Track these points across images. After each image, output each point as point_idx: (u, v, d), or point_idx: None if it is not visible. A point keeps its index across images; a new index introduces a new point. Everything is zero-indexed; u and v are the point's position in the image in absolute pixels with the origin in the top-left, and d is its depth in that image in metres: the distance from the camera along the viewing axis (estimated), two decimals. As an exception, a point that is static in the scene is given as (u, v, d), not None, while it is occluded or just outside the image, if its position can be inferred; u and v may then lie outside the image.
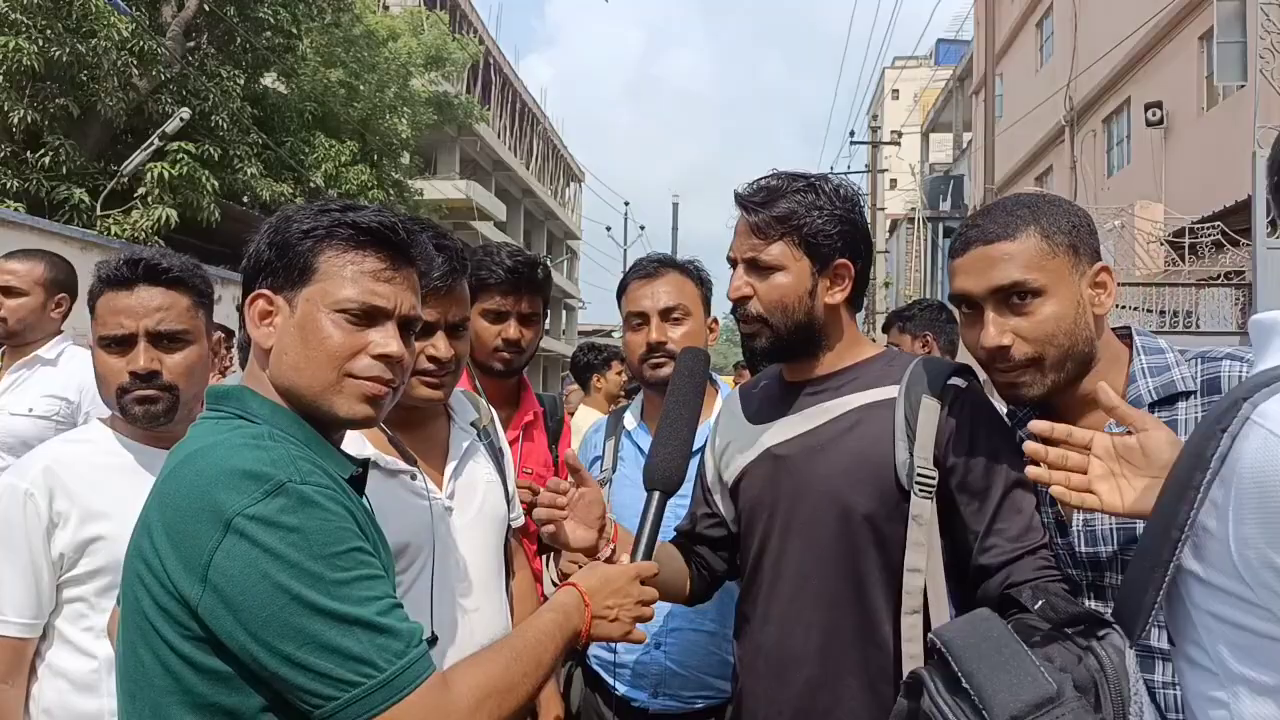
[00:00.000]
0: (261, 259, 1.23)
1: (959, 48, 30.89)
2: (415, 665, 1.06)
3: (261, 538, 1.03)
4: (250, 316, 1.22)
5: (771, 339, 1.63)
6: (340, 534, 1.07)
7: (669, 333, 2.15)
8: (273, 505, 1.04)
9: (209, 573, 1.03)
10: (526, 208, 37.70)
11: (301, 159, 14.62)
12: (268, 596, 1.02)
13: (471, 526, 1.80)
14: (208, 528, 1.04)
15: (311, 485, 1.07)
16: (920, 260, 26.39)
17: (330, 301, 1.19)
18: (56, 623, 1.70)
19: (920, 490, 1.50)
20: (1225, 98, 12.67)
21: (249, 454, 1.08)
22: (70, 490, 1.69)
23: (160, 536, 1.07)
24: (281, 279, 1.21)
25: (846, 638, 1.55)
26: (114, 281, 1.75)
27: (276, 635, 1.02)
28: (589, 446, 2.40)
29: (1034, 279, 1.41)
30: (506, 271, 2.22)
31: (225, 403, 1.21)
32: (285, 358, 1.19)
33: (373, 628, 1.05)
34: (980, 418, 1.55)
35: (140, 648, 1.09)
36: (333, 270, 1.20)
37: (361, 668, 1.03)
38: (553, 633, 1.24)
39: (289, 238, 1.21)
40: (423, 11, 20.81)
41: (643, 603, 1.40)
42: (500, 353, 2.27)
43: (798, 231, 1.60)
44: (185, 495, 1.07)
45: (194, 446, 1.14)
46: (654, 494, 1.53)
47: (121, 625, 1.14)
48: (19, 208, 10.43)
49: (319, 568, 1.04)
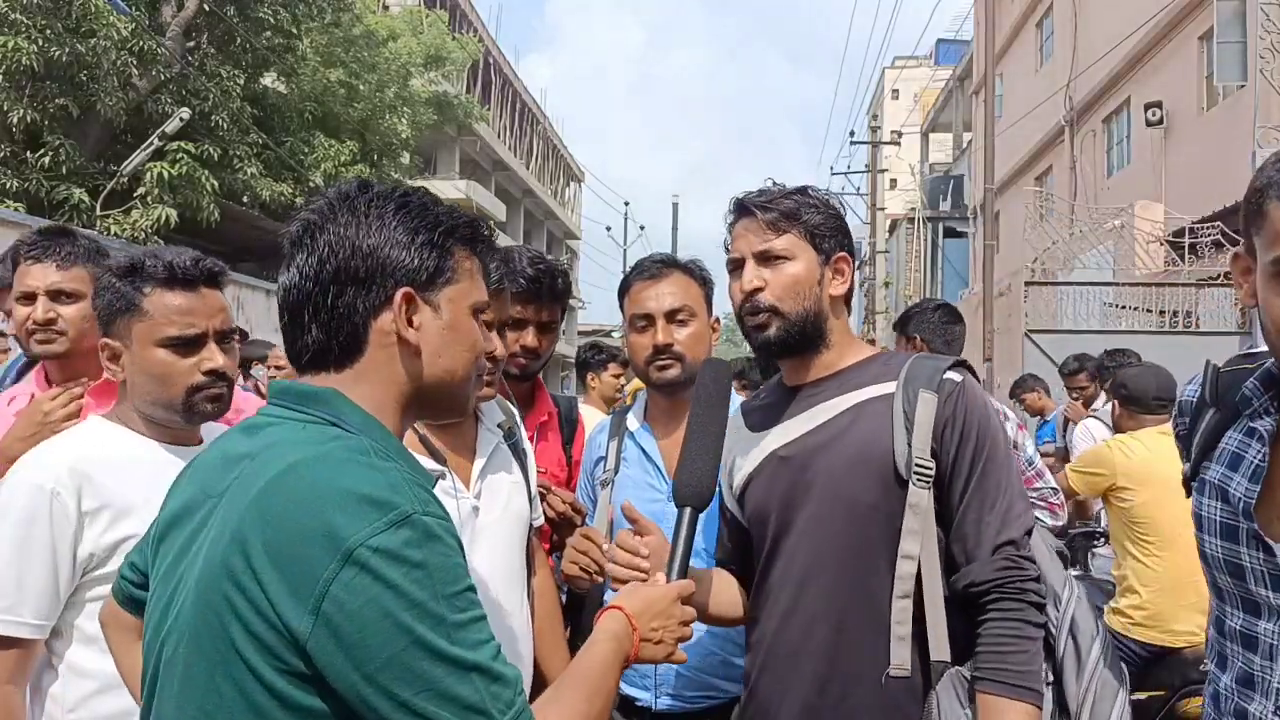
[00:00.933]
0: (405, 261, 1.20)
1: (959, 48, 30.91)
2: (522, 715, 1.03)
3: (386, 573, 0.95)
4: (396, 316, 1.17)
5: (783, 327, 1.67)
6: (458, 571, 1.03)
7: (675, 334, 2.14)
8: (398, 537, 0.97)
9: (323, 606, 0.95)
10: (526, 208, 37.71)
11: (301, 159, 14.63)
12: (389, 637, 0.95)
13: (497, 526, 1.81)
14: (323, 554, 0.95)
15: (433, 517, 1.02)
16: (920, 260, 26.40)
17: (472, 303, 1.22)
18: (76, 621, 1.67)
19: (918, 480, 1.57)
20: (1225, 98, 12.68)
21: (364, 474, 1.01)
22: (100, 487, 1.66)
23: (260, 558, 0.98)
24: (422, 279, 1.18)
25: (854, 629, 1.59)
26: (181, 281, 1.73)
27: (394, 679, 0.96)
28: (593, 447, 2.40)
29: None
30: (528, 280, 2.22)
31: (313, 405, 1.12)
32: (439, 359, 1.18)
33: (487, 674, 1.00)
34: (974, 410, 1.61)
35: (219, 677, 1.00)
36: (466, 271, 1.22)
37: (476, 717, 0.99)
38: (613, 662, 1.24)
39: (434, 236, 1.20)
40: (422, 11, 20.82)
41: (684, 622, 1.39)
42: (517, 358, 2.28)
43: (803, 225, 1.69)
44: (294, 514, 0.98)
45: (294, 455, 1.03)
46: (685, 510, 1.52)
47: (190, 648, 1.03)
48: (19, 208, 10.43)
49: (441, 609, 0.98)
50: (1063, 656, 1.53)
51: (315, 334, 1.14)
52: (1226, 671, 1.32)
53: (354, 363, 1.15)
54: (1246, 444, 1.29)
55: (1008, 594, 1.52)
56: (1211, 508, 1.33)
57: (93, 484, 1.65)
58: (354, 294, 1.13)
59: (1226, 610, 1.33)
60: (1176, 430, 1.49)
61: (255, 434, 1.12)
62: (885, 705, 1.56)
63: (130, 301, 1.73)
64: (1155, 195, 13.80)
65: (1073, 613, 1.55)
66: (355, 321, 1.13)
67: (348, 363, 1.15)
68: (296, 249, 1.16)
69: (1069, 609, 1.55)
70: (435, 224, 1.18)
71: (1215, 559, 1.32)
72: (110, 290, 1.75)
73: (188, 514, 1.13)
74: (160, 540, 1.18)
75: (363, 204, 1.16)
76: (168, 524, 1.17)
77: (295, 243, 1.16)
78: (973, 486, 1.58)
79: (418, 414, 1.22)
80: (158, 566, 1.16)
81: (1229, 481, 1.30)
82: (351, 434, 1.09)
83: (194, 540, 1.09)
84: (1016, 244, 16.36)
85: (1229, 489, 1.29)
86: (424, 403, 1.20)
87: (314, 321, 1.14)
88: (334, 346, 1.14)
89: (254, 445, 1.10)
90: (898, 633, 1.55)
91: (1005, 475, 1.59)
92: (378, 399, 1.15)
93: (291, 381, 1.17)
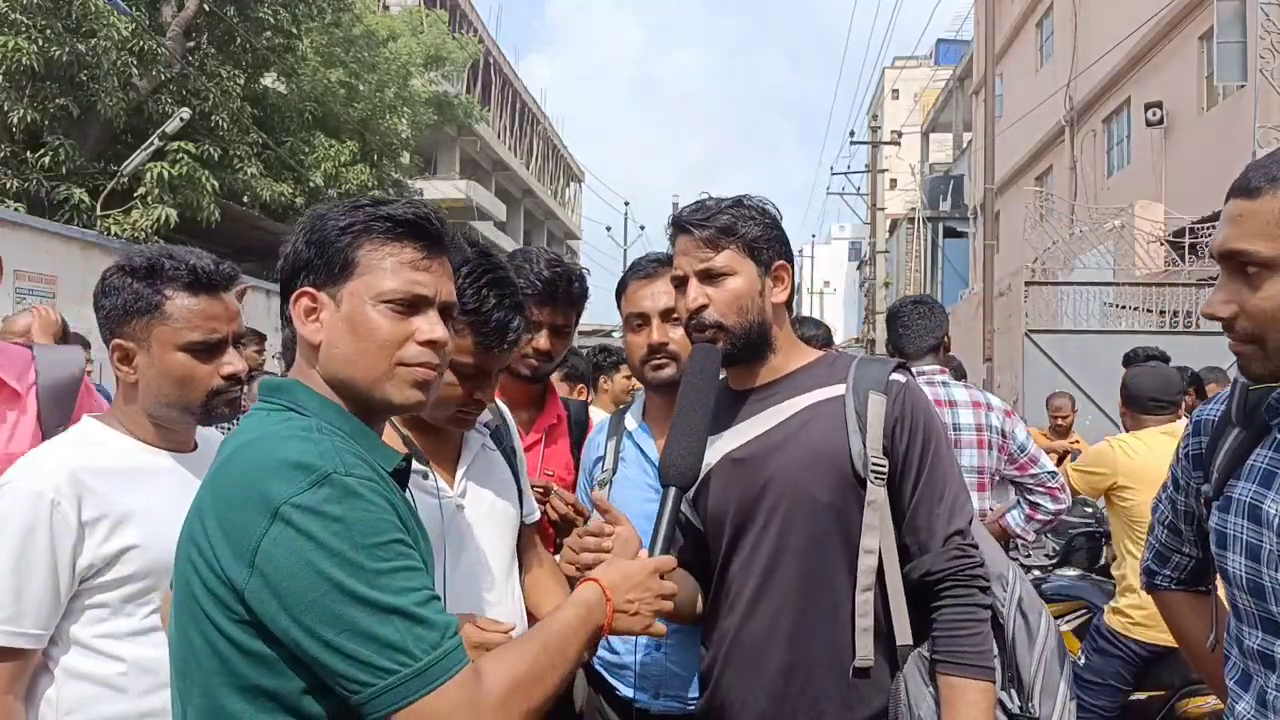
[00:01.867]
0: (300, 258, 1.27)
1: (959, 48, 30.91)
2: (450, 656, 1.09)
3: (306, 526, 1.07)
4: (296, 314, 1.26)
5: (729, 340, 1.72)
6: (381, 525, 1.11)
7: (670, 333, 2.14)
8: (318, 495, 1.08)
9: (256, 559, 1.08)
10: (526, 208, 37.73)
11: (301, 159, 14.63)
12: (310, 583, 1.06)
13: (483, 524, 1.82)
14: (256, 516, 1.08)
15: (355, 477, 1.12)
16: (920, 260, 26.42)
17: (375, 294, 1.23)
18: (71, 629, 1.66)
19: (875, 478, 1.65)
20: (1225, 98, 12.68)
21: (298, 445, 1.13)
22: (101, 497, 1.64)
23: (212, 523, 1.12)
24: (323, 275, 1.25)
25: (814, 621, 1.66)
26: (205, 286, 1.72)
27: (317, 621, 1.06)
28: (591, 447, 2.40)
29: None
30: (544, 284, 2.22)
31: (278, 395, 1.25)
32: (336, 351, 1.24)
33: (410, 617, 1.08)
34: (919, 409, 1.71)
35: (191, 630, 1.15)
36: (373, 263, 1.24)
37: (398, 656, 1.06)
38: (577, 627, 1.27)
39: (326, 235, 1.25)
40: (422, 11, 20.82)
41: (662, 596, 1.42)
42: (529, 360, 2.28)
43: (741, 239, 1.74)
44: (237, 484, 1.12)
45: (247, 436, 1.19)
46: (669, 489, 1.57)
47: (174, 608, 1.19)
48: (19, 208, 10.44)
49: (360, 557, 1.07)
50: (1014, 632, 1.65)
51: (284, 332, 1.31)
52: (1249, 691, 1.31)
53: (300, 357, 1.30)
54: (1278, 460, 1.27)
55: (960, 581, 1.64)
56: (1238, 525, 1.31)
57: (93, 493, 1.64)
58: (284, 295, 1.29)
59: (1244, 630, 1.32)
60: (1190, 449, 1.48)
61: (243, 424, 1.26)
62: (848, 692, 1.65)
63: (150, 303, 1.70)
64: (1155, 195, 13.80)
65: (1020, 592, 1.68)
66: (290, 320, 1.28)
67: (296, 357, 1.31)
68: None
69: (1015, 589, 1.68)
70: (332, 222, 1.27)
71: (1237, 577, 1.31)
72: (126, 290, 1.71)
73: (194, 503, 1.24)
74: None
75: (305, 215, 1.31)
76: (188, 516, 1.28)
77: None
78: (923, 481, 1.68)
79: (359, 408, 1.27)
80: None
81: (1262, 499, 1.27)
82: (306, 416, 1.21)
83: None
84: (1016, 244, 16.37)
85: (1262, 507, 1.27)
86: (346, 396, 1.26)
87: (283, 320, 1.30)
88: (290, 343, 1.32)
89: (236, 433, 1.24)
90: (861, 624, 1.64)
91: (949, 468, 1.71)
92: (322, 387, 1.26)
93: (270, 377, 1.31)
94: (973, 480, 3.49)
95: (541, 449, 2.40)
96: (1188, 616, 1.63)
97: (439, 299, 1.28)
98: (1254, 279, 1.20)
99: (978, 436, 3.51)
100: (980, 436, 3.51)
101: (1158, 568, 1.67)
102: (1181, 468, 1.51)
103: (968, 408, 3.51)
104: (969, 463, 3.47)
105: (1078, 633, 4.03)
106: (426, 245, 1.28)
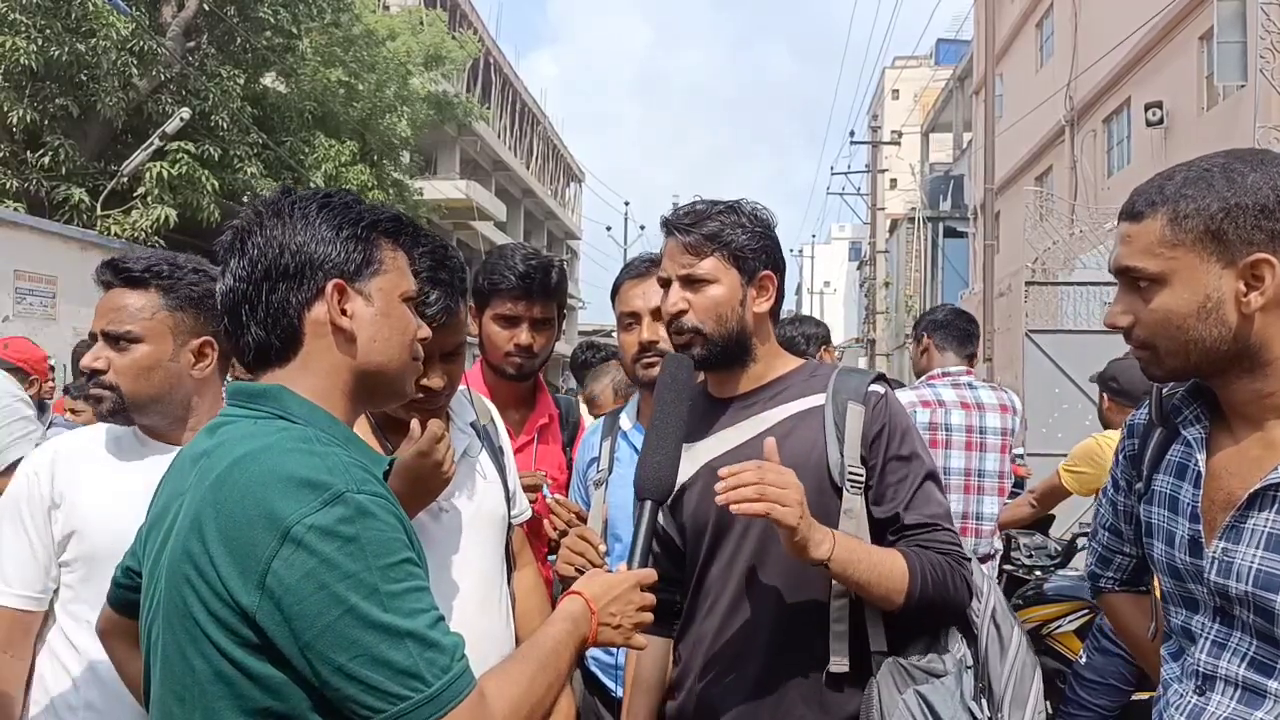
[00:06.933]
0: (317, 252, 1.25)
1: (959, 48, 30.89)
2: (459, 680, 1.09)
3: (320, 548, 1.04)
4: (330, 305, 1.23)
5: (706, 346, 1.74)
6: (394, 545, 1.09)
7: (661, 332, 2.14)
8: (331, 515, 1.05)
9: (266, 580, 1.04)
10: (526, 208, 37.71)
11: (301, 159, 14.62)
12: (323, 606, 1.03)
13: (469, 526, 1.81)
14: (265, 535, 1.05)
15: (367, 494, 1.09)
16: (920, 260, 26.40)
17: (400, 292, 1.29)
18: (55, 606, 1.75)
19: (851, 487, 1.68)
20: (1225, 98, 12.67)
21: (304, 460, 1.09)
22: (67, 479, 1.74)
23: (215, 543, 1.07)
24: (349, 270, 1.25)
25: (790, 629, 1.69)
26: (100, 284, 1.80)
27: (330, 645, 1.04)
28: (586, 448, 2.40)
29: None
30: (519, 277, 2.21)
31: (261, 402, 1.20)
32: (376, 345, 1.25)
33: (422, 641, 1.07)
34: (896, 419, 1.74)
35: (190, 653, 1.10)
36: (393, 263, 1.29)
37: (410, 681, 1.05)
38: (567, 642, 1.28)
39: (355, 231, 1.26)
40: (422, 10, 20.81)
41: (643, 609, 1.43)
42: (512, 357, 2.27)
43: (726, 247, 1.74)
44: (241, 501, 1.07)
45: (242, 449, 1.12)
46: (645, 504, 1.57)
47: (165, 628, 1.14)
48: (19, 208, 10.45)
49: (375, 579, 1.05)
50: (987, 643, 1.68)
51: (255, 332, 1.22)
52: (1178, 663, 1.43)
53: (294, 356, 1.23)
54: (1189, 454, 1.39)
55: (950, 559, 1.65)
56: (1160, 515, 1.43)
57: (63, 474, 1.74)
58: (286, 289, 1.21)
59: (1170, 609, 1.44)
60: (1125, 451, 1.57)
61: (213, 433, 1.21)
62: (823, 697, 1.67)
63: None
64: (1155, 195, 13.76)
65: (994, 602, 1.71)
66: (290, 315, 1.22)
67: (289, 357, 1.23)
68: (229, 255, 1.24)
69: (989, 599, 1.71)
70: (358, 219, 1.26)
71: (1160, 562, 1.43)
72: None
73: (164, 513, 1.20)
74: (145, 541, 1.26)
75: (287, 207, 1.24)
76: (150, 525, 1.25)
77: (228, 249, 1.24)
78: (905, 484, 1.70)
79: (362, 400, 1.29)
80: (145, 565, 1.23)
81: (1179, 490, 1.40)
82: (297, 424, 1.17)
83: (168, 535, 1.17)
84: (1016, 244, 16.36)
85: (1179, 497, 1.39)
86: (365, 388, 1.27)
87: (251, 320, 1.22)
88: (273, 342, 1.22)
89: (211, 444, 1.18)
90: (836, 630, 1.67)
91: (929, 479, 1.72)
92: (322, 388, 1.23)
93: (243, 382, 1.26)
94: (993, 485, 3.48)
95: (534, 449, 2.40)
96: (1131, 614, 1.69)
97: None
98: (1145, 292, 1.34)
99: (1002, 441, 3.50)
100: (1004, 441, 3.51)
101: (1101, 570, 1.72)
102: (1121, 469, 1.59)
103: (995, 411, 3.49)
104: (991, 467, 3.45)
105: (1079, 633, 4.01)
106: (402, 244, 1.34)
